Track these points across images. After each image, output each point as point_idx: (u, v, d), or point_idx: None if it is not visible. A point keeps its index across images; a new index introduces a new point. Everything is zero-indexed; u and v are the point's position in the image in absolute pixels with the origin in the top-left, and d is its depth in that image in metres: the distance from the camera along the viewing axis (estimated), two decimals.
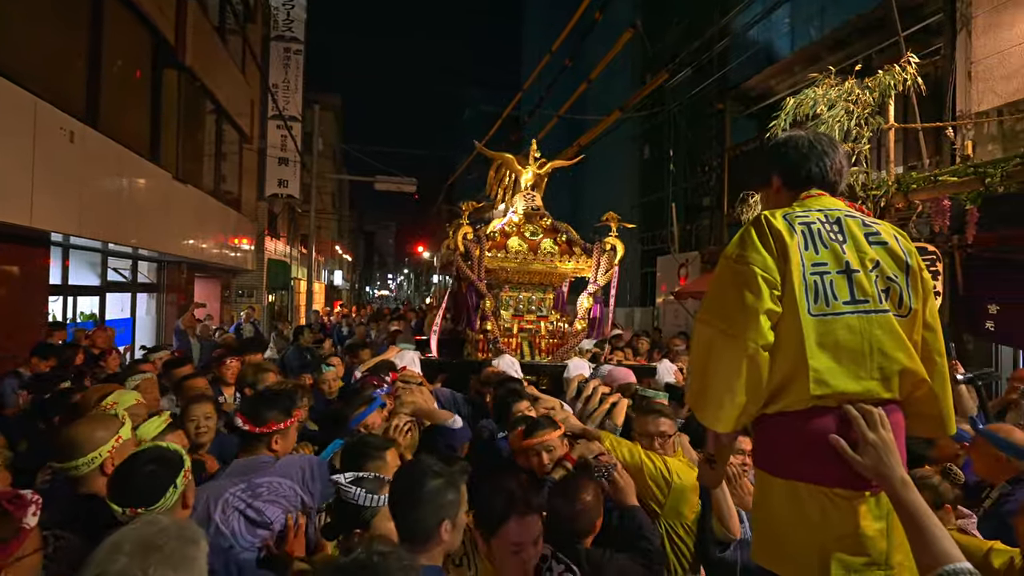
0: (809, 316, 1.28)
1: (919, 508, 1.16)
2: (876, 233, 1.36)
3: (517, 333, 4.69)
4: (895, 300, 1.32)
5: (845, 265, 1.31)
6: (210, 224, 10.53)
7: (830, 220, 1.35)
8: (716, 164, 11.11)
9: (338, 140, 25.13)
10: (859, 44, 7.83)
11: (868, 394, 1.28)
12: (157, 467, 1.60)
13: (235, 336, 9.05)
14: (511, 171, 5.23)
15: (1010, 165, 4.61)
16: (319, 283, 23.91)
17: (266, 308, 14.59)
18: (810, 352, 1.27)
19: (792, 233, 1.32)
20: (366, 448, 2.06)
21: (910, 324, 1.33)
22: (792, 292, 1.29)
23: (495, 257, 4.55)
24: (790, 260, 1.30)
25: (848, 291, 1.29)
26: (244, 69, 12.58)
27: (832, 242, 1.33)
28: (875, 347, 1.27)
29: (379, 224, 63.53)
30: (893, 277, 1.32)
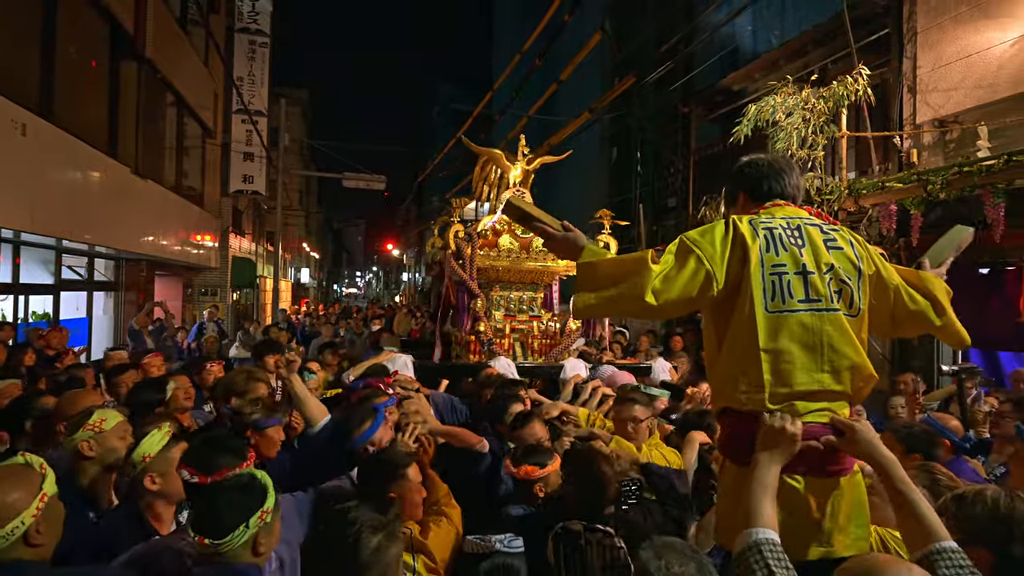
0: (765, 312, 1.40)
1: (909, 487, 1.28)
2: (833, 240, 1.50)
3: (509, 334, 4.55)
4: (847, 301, 1.44)
5: (802, 267, 1.43)
6: (171, 220, 10.22)
7: (791, 226, 1.48)
8: (682, 166, 11.39)
9: (305, 136, 24.65)
10: (816, 53, 8.16)
11: (821, 386, 1.39)
12: (237, 496, 1.42)
13: (197, 336, 8.84)
14: (498, 167, 5.10)
15: (949, 174, 4.91)
16: (286, 281, 23.43)
17: (230, 307, 14.23)
18: (764, 345, 1.39)
19: (755, 237, 1.45)
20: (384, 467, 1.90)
21: (859, 323, 1.46)
22: (749, 290, 1.41)
23: (487, 256, 4.45)
24: (750, 261, 1.42)
25: (803, 290, 1.42)
26: (207, 62, 12.24)
27: (792, 246, 1.45)
28: (826, 342, 1.39)
29: (347, 221, 62.52)
30: (846, 280, 1.45)
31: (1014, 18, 5.51)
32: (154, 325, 8.23)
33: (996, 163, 4.70)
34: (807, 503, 1.38)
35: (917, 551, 1.19)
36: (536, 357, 4.51)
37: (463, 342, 4.49)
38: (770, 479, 1.29)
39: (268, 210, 16.73)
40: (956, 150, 5.81)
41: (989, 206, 4.72)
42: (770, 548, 1.13)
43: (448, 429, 2.56)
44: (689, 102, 10.98)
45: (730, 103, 9.98)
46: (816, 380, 1.39)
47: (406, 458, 1.96)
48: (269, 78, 14.14)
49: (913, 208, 5.24)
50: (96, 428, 2.02)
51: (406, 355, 3.91)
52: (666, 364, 4.39)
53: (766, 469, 1.31)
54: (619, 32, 13.55)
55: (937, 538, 1.18)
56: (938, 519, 1.23)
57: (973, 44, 5.79)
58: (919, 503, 1.25)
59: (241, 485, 1.46)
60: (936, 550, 1.15)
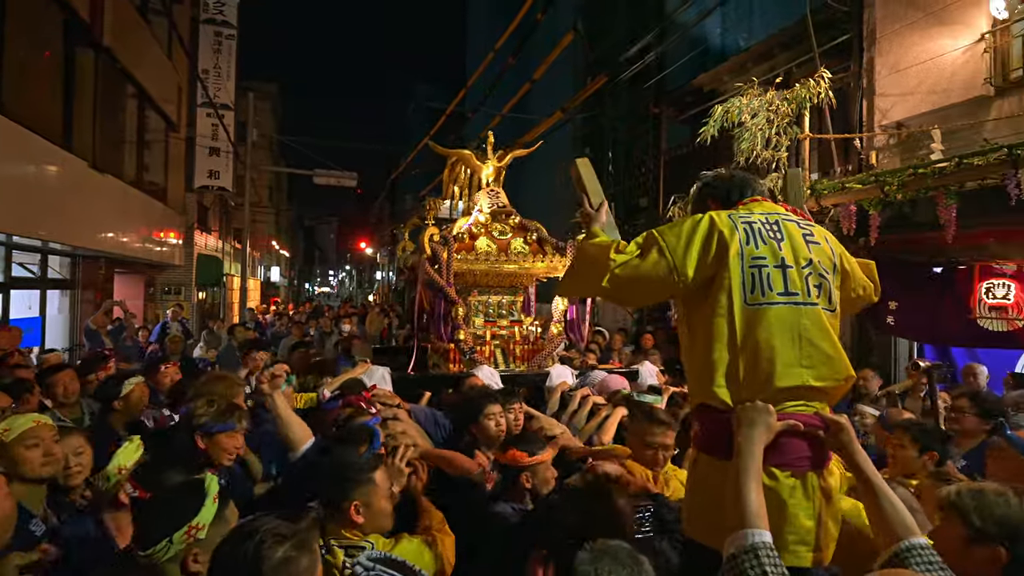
0: (744, 305, 1.41)
1: (882, 485, 1.30)
2: (811, 235, 1.52)
3: (490, 340, 4.35)
4: (826, 296, 1.46)
5: (781, 260, 1.44)
6: (132, 216, 9.88)
7: (769, 221, 1.50)
8: (652, 166, 11.53)
9: (275, 131, 24.14)
10: (782, 57, 8.35)
11: (801, 381, 1.39)
12: (165, 509, 1.38)
13: (160, 336, 8.56)
14: (468, 168, 4.92)
15: (904, 175, 5.08)
16: (254, 280, 22.91)
17: (195, 306, 13.84)
18: (741, 338, 1.39)
19: (735, 230, 1.46)
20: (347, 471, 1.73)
21: (836, 319, 1.47)
22: (728, 283, 1.42)
23: (464, 259, 4.22)
24: (729, 253, 1.43)
25: (782, 284, 1.42)
26: (170, 53, 11.86)
27: (771, 239, 1.47)
28: (804, 336, 1.39)
29: (320, 219, 61.44)
30: (824, 275, 1.47)
31: (965, 25, 5.74)
32: (113, 325, 7.94)
33: (948, 166, 4.88)
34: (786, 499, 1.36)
35: (889, 547, 1.21)
36: (519, 364, 4.31)
37: (441, 351, 4.29)
38: (756, 462, 1.28)
39: (236, 207, 16.32)
40: (912, 153, 6.02)
41: (942, 207, 4.89)
42: (767, 553, 1.11)
43: (441, 454, 2.33)
44: (659, 103, 11.12)
45: (699, 104, 10.14)
46: (796, 375, 1.38)
47: (374, 459, 1.83)
48: (236, 71, 13.78)
49: (871, 208, 5.40)
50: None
51: (383, 367, 3.66)
52: (653, 368, 4.22)
53: (749, 454, 1.29)
54: (591, 32, 13.65)
55: (909, 534, 1.20)
56: (910, 516, 1.24)
57: (928, 51, 6.00)
58: (892, 500, 1.27)
59: (171, 499, 1.42)
60: (908, 547, 1.17)
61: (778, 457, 1.35)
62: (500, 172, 4.82)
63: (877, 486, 1.30)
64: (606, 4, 13.75)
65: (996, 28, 5.52)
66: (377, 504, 1.73)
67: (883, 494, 1.28)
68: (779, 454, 1.34)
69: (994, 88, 5.52)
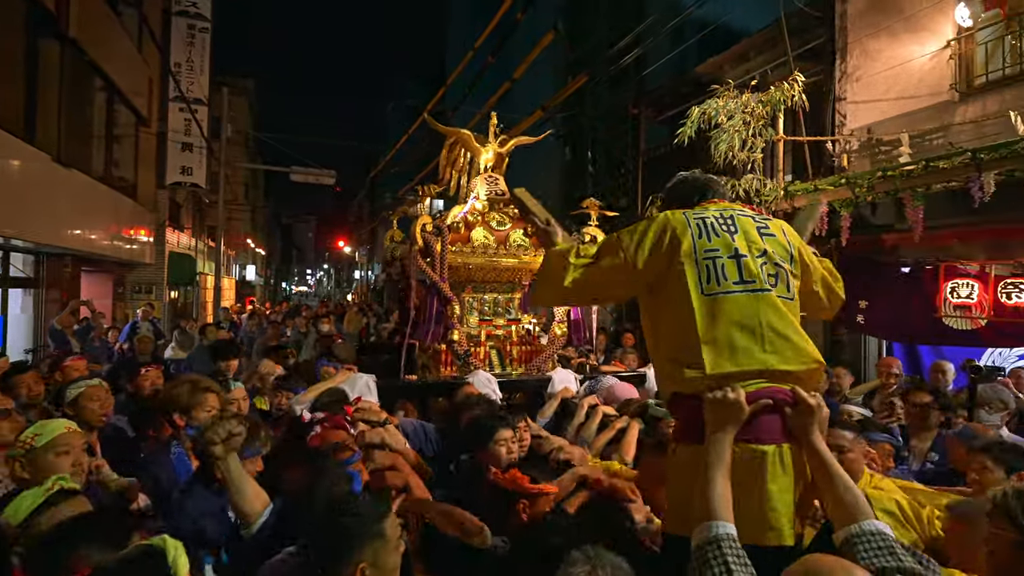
0: (701, 295, 1.45)
1: (836, 469, 1.31)
2: (766, 227, 1.57)
3: (485, 341, 4.00)
4: (783, 284, 1.51)
5: (735, 251, 1.49)
6: (99, 213, 9.59)
7: (724, 216, 1.55)
8: (632, 166, 11.63)
9: (251, 127, 23.69)
10: (758, 60, 8.49)
11: (765, 366, 1.41)
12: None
13: (130, 336, 8.33)
14: (467, 150, 4.51)
15: (874, 178, 5.21)
16: (229, 278, 22.47)
17: (167, 305, 13.51)
18: (702, 327, 1.42)
19: (687, 226, 1.53)
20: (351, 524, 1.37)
21: (795, 307, 1.52)
22: (684, 276, 1.46)
23: (458, 252, 3.87)
24: (682, 248, 1.48)
25: (737, 273, 1.47)
26: (141, 46, 11.54)
27: (724, 232, 1.52)
28: (764, 322, 1.43)
29: (297, 217, 60.59)
30: (780, 264, 1.51)
31: (932, 32, 5.91)
32: (80, 325, 7.70)
33: (915, 168, 5.02)
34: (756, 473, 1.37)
35: (842, 529, 1.22)
36: (516, 367, 3.98)
37: (431, 352, 3.93)
38: (723, 453, 1.30)
39: (210, 204, 15.96)
40: (881, 155, 6.17)
41: (909, 208, 5.04)
42: (730, 544, 1.13)
43: (440, 508, 1.83)
44: (639, 103, 11.21)
45: (677, 105, 10.25)
46: (759, 360, 1.41)
47: (382, 506, 1.44)
48: (210, 66, 13.47)
49: (842, 209, 5.53)
50: None
51: (367, 374, 3.31)
52: None
53: (720, 444, 1.32)
54: (572, 33, 13.70)
55: (863, 517, 1.20)
56: (864, 500, 1.25)
57: (896, 56, 6.16)
58: (846, 482, 1.28)
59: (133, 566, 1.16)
60: (859, 532, 1.17)
61: (751, 432, 1.37)
62: (502, 159, 4.45)
63: (831, 467, 1.31)
64: (587, 4, 13.82)
65: (961, 35, 5.70)
66: (386, 562, 1.40)
67: (837, 476, 1.30)
68: (752, 429, 1.37)
69: (959, 93, 5.70)
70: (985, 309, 5.02)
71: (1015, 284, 4.81)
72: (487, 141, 4.40)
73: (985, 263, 5.10)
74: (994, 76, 5.56)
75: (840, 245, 5.68)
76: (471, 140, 4.44)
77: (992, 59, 5.65)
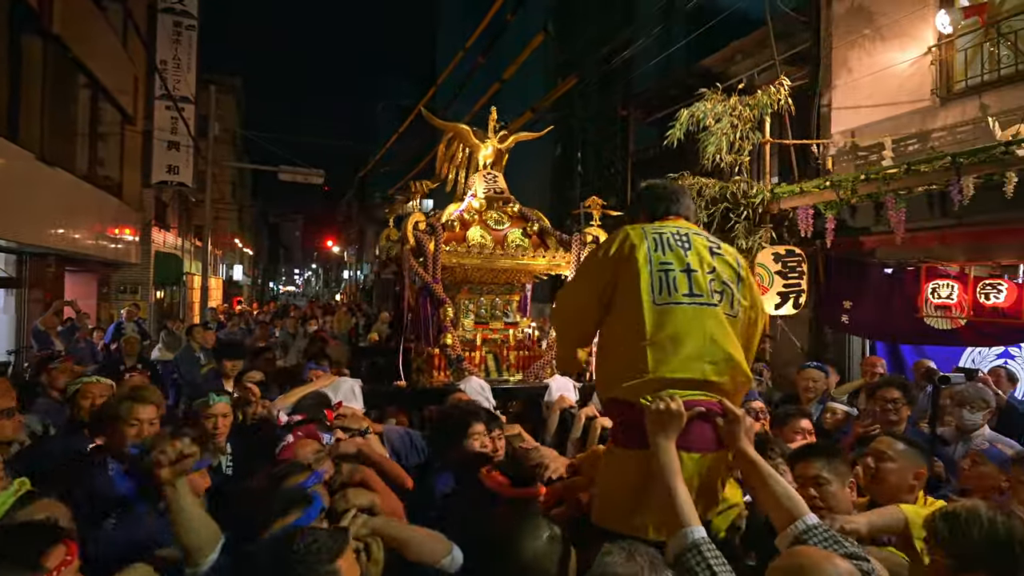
0: (653, 305, 1.55)
1: (771, 473, 1.38)
2: (718, 247, 1.69)
3: (480, 345, 3.84)
4: (728, 302, 1.61)
5: (687, 266, 1.59)
6: (84, 212, 9.45)
7: (680, 234, 1.67)
8: (621, 167, 11.71)
9: (238, 126, 23.46)
10: (745, 63, 8.60)
11: (703, 375, 1.51)
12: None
13: (115, 337, 8.22)
14: (465, 146, 4.34)
15: (858, 181, 5.32)
16: (216, 278, 22.24)
17: (153, 305, 13.36)
18: (650, 332, 1.51)
19: (644, 239, 1.63)
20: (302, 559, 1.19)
21: (737, 325, 1.62)
22: (638, 286, 1.56)
23: (453, 252, 3.70)
24: (638, 259, 1.58)
25: (687, 286, 1.57)
26: (126, 42, 11.40)
27: (678, 248, 1.62)
28: (708, 334, 1.53)
29: (285, 216, 59.97)
30: (727, 283, 1.62)
31: (913, 39, 6.03)
32: (64, 326, 7.58)
33: (897, 172, 5.12)
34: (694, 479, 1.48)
35: (785, 529, 1.27)
36: (513, 372, 3.84)
37: (425, 356, 3.77)
38: (675, 463, 1.38)
39: (196, 203, 15.79)
40: (865, 159, 6.29)
41: (892, 211, 5.14)
42: (708, 547, 1.20)
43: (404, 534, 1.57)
44: (628, 105, 11.30)
45: (666, 107, 10.35)
46: (699, 369, 1.50)
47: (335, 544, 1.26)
48: (197, 63, 13.33)
49: (827, 212, 5.62)
50: None
51: (353, 379, 3.18)
52: None
53: (667, 453, 1.39)
54: (562, 34, 13.76)
55: (803, 513, 1.27)
56: (799, 498, 1.32)
57: (879, 62, 6.28)
58: (781, 482, 1.36)
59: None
60: (806, 527, 1.24)
61: (684, 441, 1.46)
62: (501, 155, 4.28)
63: (766, 471, 1.38)
64: (576, 7, 13.89)
65: (941, 42, 5.82)
66: None
67: (771, 477, 1.36)
68: (686, 438, 1.46)
69: (939, 99, 5.83)
70: (965, 309, 5.13)
71: (993, 285, 4.92)
72: (486, 137, 4.25)
73: (964, 264, 5.21)
74: (973, 82, 5.69)
75: (825, 246, 5.78)
76: (470, 135, 4.28)
77: (971, 65, 5.79)
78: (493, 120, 4.28)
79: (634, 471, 1.48)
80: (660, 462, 1.38)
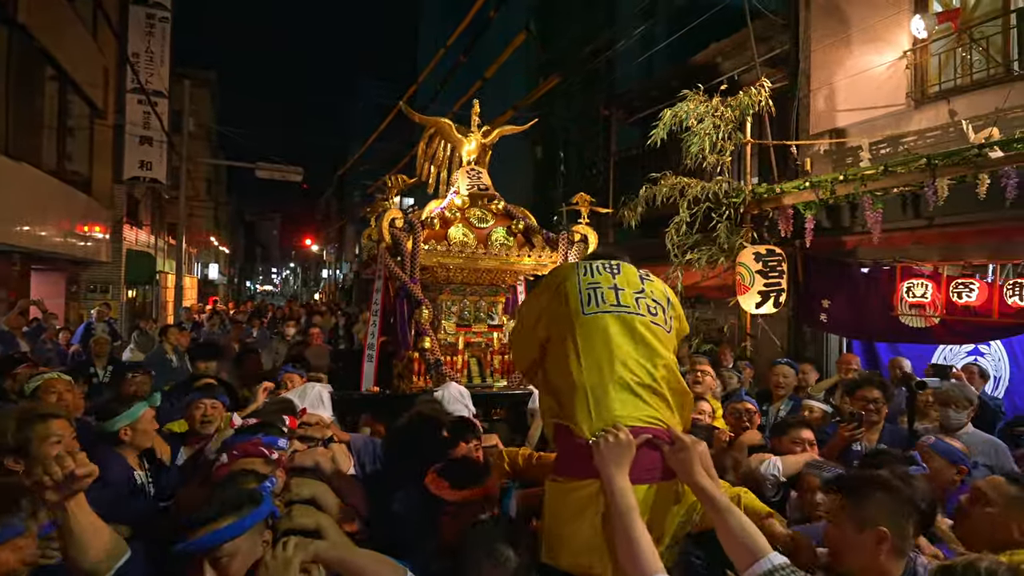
0: (582, 315, 1.60)
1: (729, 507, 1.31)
2: (647, 276, 1.75)
3: (463, 349, 3.70)
4: (661, 318, 1.66)
5: (614, 285, 1.66)
6: (51, 208, 9.14)
7: (611, 263, 1.74)
8: (603, 167, 11.74)
9: (214, 121, 22.95)
10: (726, 65, 8.68)
11: (640, 381, 1.51)
12: None
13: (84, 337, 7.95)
14: (447, 141, 4.21)
15: (836, 182, 5.40)
16: (191, 277, 21.74)
17: (124, 305, 12.98)
18: (582, 343, 1.55)
19: (576, 268, 1.73)
20: None
21: (669, 338, 1.66)
22: (568, 303, 1.62)
23: (433, 251, 3.56)
24: (568, 282, 1.66)
25: (615, 298, 1.63)
26: (96, 34, 11.05)
27: (607, 272, 1.70)
28: (638, 338, 1.56)
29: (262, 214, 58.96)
30: (657, 302, 1.68)
31: (889, 43, 6.15)
32: (30, 326, 7.31)
33: (875, 173, 5.22)
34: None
35: (744, 567, 1.21)
36: (498, 378, 3.72)
37: (405, 360, 3.66)
38: (632, 502, 1.31)
39: (170, 200, 15.41)
40: (843, 160, 6.40)
41: (869, 212, 5.23)
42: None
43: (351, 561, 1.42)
44: (610, 105, 11.33)
45: (648, 108, 10.41)
46: (635, 376, 1.50)
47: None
48: (171, 57, 13.00)
49: (806, 212, 5.70)
50: None
51: (322, 384, 3.02)
52: None
53: (623, 493, 1.31)
54: (544, 34, 13.76)
55: (764, 552, 1.20)
56: (760, 534, 1.26)
57: (857, 65, 6.40)
58: (740, 519, 1.28)
59: None
60: (771, 568, 1.17)
61: (631, 472, 1.39)
62: (485, 151, 4.16)
63: (723, 506, 1.31)
64: (559, 6, 13.90)
65: (916, 47, 5.95)
66: None
67: (731, 513, 1.30)
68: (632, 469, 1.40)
69: (914, 102, 5.96)
70: (938, 308, 5.25)
71: (965, 284, 5.05)
72: (469, 132, 4.11)
73: (938, 264, 5.33)
74: (946, 86, 5.83)
75: (804, 246, 5.86)
76: (452, 130, 4.14)
77: (944, 69, 5.93)
78: (476, 114, 4.17)
79: (581, 502, 1.42)
80: (616, 503, 1.29)
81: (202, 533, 1.32)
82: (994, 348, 5.66)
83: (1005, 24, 5.54)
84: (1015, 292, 4.72)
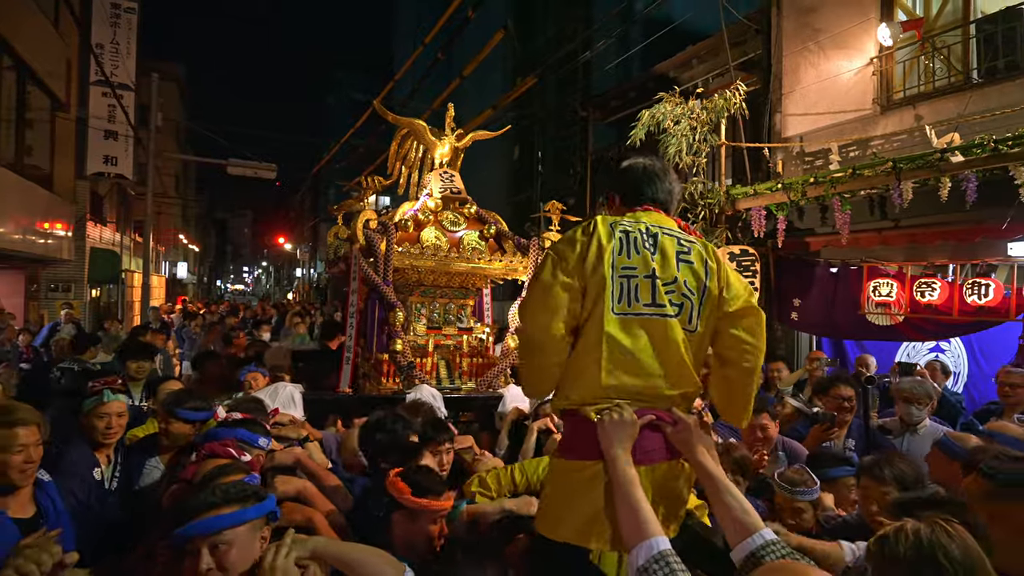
0: (612, 315, 1.45)
1: (726, 484, 1.36)
2: (687, 252, 1.53)
3: (432, 351, 3.71)
4: (685, 317, 1.51)
5: (651, 272, 1.48)
6: (8, 204, 8.77)
7: (649, 234, 1.52)
8: (580, 167, 11.83)
9: (182, 116, 22.36)
10: (701, 67, 8.83)
11: (655, 390, 1.48)
12: None
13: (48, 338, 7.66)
14: (420, 143, 4.22)
15: (806, 184, 5.55)
16: (158, 276, 21.11)
17: (87, 304, 12.55)
18: (606, 345, 1.44)
19: (611, 238, 1.49)
20: None
21: (695, 340, 1.52)
22: (602, 292, 1.45)
23: (406, 253, 3.56)
24: (604, 261, 1.46)
25: (650, 295, 1.47)
26: (58, 23, 10.65)
27: (644, 250, 1.49)
28: (662, 347, 1.46)
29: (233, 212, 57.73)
30: (688, 295, 1.51)
31: (857, 50, 6.34)
32: None
33: (843, 176, 5.37)
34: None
35: (739, 543, 1.25)
36: (466, 380, 3.73)
37: (373, 362, 3.67)
38: (632, 474, 1.35)
39: (137, 196, 14.95)
40: (813, 163, 6.58)
41: (838, 213, 5.38)
42: (674, 558, 1.17)
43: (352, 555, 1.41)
44: (587, 106, 11.42)
45: (624, 108, 10.52)
46: (651, 385, 1.46)
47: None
48: (137, 49, 12.60)
49: (779, 213, 5.84)
50: None
51: (293, 384, 3.03)
52: None
53: (623, 465, 1.35)
54: (522, 33, 13.78)
55: (758, 528, 1.25)
56: (754, 510, 1.30)
57: (826, 70, 6.58)
58: (736, 495, 1.33)
59: None
60: (763, 543, 1.21)
61: (636, 453, 1.41)
62: (458, 154, 4.18)
63: (720, 482, 1.37)
64: (536, 6, 13.93)
65: (882, 54, 6.15)
66: None
67: (727, 490, 1.34)
68: (636, 450, 1.42)
69: (880, 107, 6.15)
70: (902, 306, 5.44)
71: (928, 283, 5.24)
72: (442, 134, 4.14)
73: (903, 264, 5.52)
74: (911, 92, 6.03)
75: (776, 247, 6.00)
76: (425, 132, 4.15)
77: (909, 77, 6.14)
78: (450, 117, 4.18)
79: (584, 482, 1.44)
80: (617, 474, 1.34)
81: (205, 516, 1.32)
82: (954, 345, 5.89)
83: (965, 34, 5.77)
84: (974, 291, 4.92)
